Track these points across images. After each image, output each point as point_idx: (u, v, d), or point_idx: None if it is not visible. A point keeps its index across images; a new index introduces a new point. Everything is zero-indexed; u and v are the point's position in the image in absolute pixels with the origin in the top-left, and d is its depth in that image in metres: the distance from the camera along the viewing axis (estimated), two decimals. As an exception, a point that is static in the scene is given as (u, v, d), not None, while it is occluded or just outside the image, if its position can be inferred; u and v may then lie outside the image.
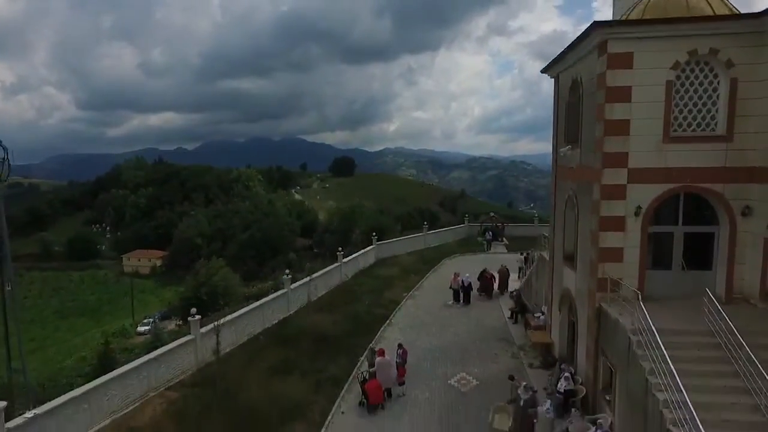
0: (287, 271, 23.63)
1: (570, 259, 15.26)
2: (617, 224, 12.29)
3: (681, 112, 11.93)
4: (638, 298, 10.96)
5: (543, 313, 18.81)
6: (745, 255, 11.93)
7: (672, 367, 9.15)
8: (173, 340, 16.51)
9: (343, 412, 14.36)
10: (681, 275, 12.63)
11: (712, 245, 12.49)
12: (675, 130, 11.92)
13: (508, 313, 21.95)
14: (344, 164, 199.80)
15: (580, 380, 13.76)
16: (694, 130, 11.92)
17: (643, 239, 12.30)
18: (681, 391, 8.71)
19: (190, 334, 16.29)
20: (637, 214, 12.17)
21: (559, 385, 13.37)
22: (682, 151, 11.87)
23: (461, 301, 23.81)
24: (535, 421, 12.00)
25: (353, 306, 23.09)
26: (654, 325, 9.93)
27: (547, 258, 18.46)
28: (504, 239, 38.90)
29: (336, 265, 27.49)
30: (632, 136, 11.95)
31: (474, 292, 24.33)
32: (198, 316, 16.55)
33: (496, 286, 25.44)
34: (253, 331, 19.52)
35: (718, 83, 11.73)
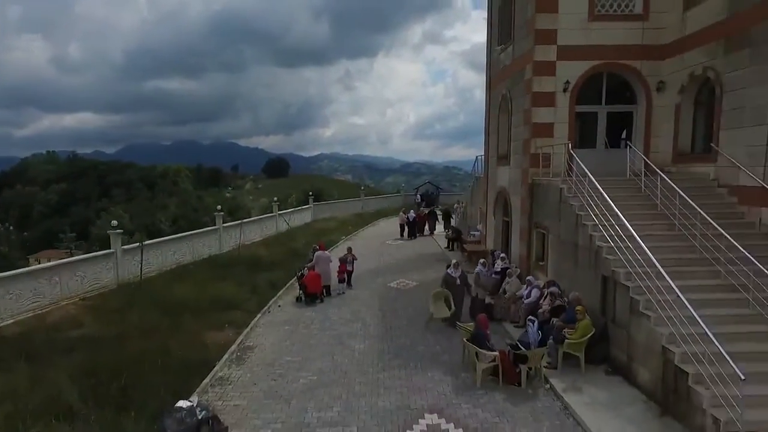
0: (218, 207, 22.59)
1: (504, 157, 15.81)
2: (548, 99, 12.89)
3: (604, -9, 12.78)
4: (568, 147, 11.54)
5: (478, 231, 19.33)
6: (660, 128, 12.91)
7: (605, 194, 9.67)
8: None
9: (280, 306, 13.82)
10: (604, 153, 13.42)
11: (632, 123, 13.43)
12: (599, 10, 12.73)
13: (445, 243, 22.45)
14: (278, 166, 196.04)
15: (515, 265, 14.21)
16: (615, 10, 12.79)
17: (571, 115, 12.97)
18: (614, 215, 9.24)
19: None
20: (565, 90, 12.82)
21: (495, 265, 13.71)
22: (605, 30, 12.69)
23: (407, 236, 24.97)
24: (475, 295, 12.18)
25: (290, 245, 22.46)
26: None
27: (482, 178, 19.07)
28: (438, 206, 39.69)
29: (270, 214, 26.68)
30: (561, 14, 12.62)
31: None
32: (120, 230, 15.31)
33: (426, 228, 26.70)
34: (182, 260, 18.35)
35: (636, -36, 12.71)
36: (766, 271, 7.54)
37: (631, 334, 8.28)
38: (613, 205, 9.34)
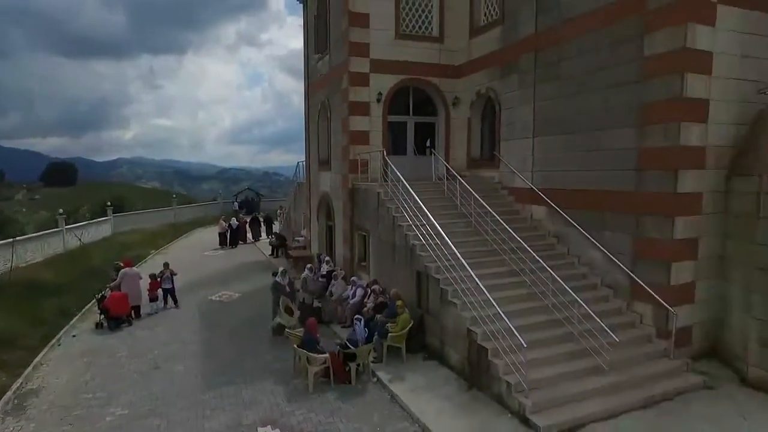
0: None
1: (325, 163, 16.25)
2: (364, 109, 13.70)
3: (408, 14, 14.10)
4: (383, 154, 12.46)
5: (303, 236, 19.46)
6: (457, 138, 14.83)
7: (416, 197, 10.67)
8: None
9: (74, 336, 11.80)
10: (414, 160, 14.83)
11: (435, 133, 15.12)
12: (404, 29, 14.02)
13: (269, 251, 21.98)
14: (63, 172, 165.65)
15: (339, 267, 14.72)
16: (416, 31, 14.24)
17: (385, 124, 14.02)
18: (424, 216, 10.25)
19: None
20: (379, 100, 13.79)
21: (321, 269, 14.00)
22: (409, 48, 14.03)
23: (228, 244, 24.03)
24: (302, 300, 12.26)
25: (84, 264, 19.28)
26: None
27: (304, 183, 19.26)
28: (260, 213, 38.69)
29: (56, 229, 22.52)
30: (372, 29, 13.54)
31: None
32: None
33: (250, 236, 26.04)
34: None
35: (432, -7, 14.36)
36: (536, 257, 9.28)
37: (442, 321, 9.33)
38: (423, 207, 10.37)
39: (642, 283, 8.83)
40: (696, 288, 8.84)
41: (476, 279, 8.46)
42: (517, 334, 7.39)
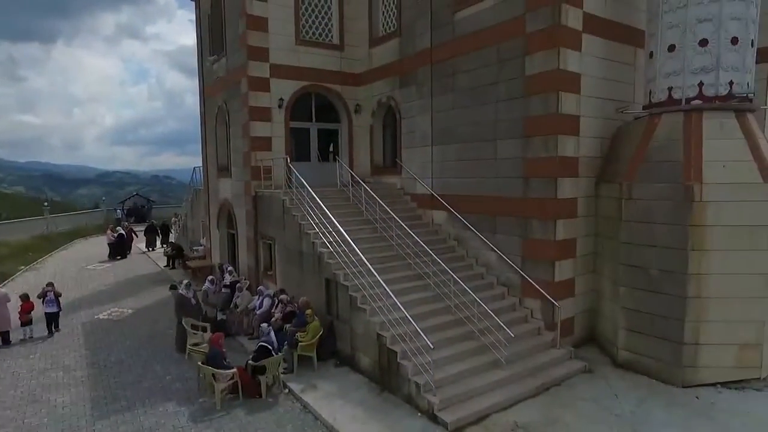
0: None
1: (225, 169, 15.61)
2: (265, 114, 13.40)
3: (308, 20, 14.06)
4: (287, 161, 12.32)
5: (202, 245, 18.50)
6: (360, 145, 15.10)
7: (322, 205, 10.69)
8: None
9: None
10: (317, 166, 14.83)
11: (338, 139, 15.26)
12: (303, 36, 13.95)
13: (165, 262, 20.56)
14: None
15: (244, 277, 14.26)
16: (317, 38, 14.26)
17: (287, 130, 13.84)
18: (331, 223, 10.32)
19: None
20: (280, 106, 13.58)
21: (224, 279, 13.45)
22: (310, 54, 14.00)
23: (116, 256, 22.24)
24: (204, 314, 11.69)
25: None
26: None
27: (201, 189, 18.32)
28: (152, 221, 35.94)
29: None
30: (271, 34, 13.30)
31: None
32: None
33: (144, 245, 24.12)
34: None
35: (331, 2, 14.43)
36: (438, 259, 9.82)
37: (352, 327, 9.48)
38: (330, 214, 10.45)
39: (531, 281, 9.75)
40: (576, 283, 9.96)
41: (384, 285, 8.73)
42: (424, 336, 7.77)
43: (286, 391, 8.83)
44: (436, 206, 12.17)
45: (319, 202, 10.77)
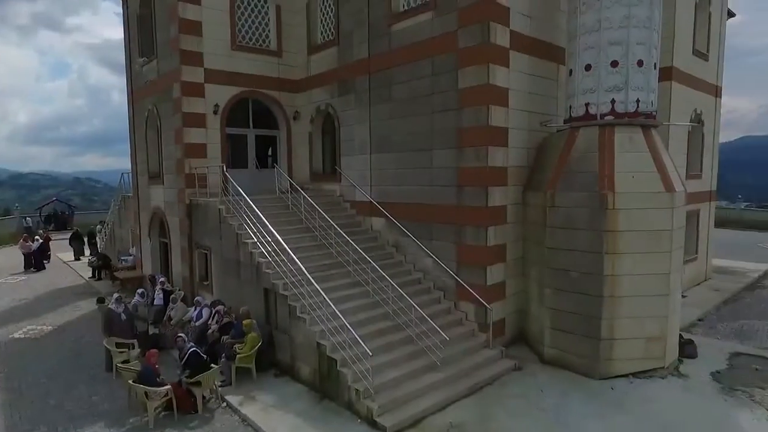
0: None
1: (156, 176, 15.01)
2: (199, 120, 13.05)
3: (243, 25, 13.86)
4: (222, 169, 12.08)
5: (131, 255, 17.62)
6: (299, 152, 15.05)
7: (260, 214, 10.60)
8: None
9: None
10: (255, 173, 14.63)
11: (276, 146, 15.13)
12: (240, 40, 13.73)
13: (89, 272, 19.36)
14: None
15: (178, 288, 13.79)
16: (253, 43, 14.08)
17: (223, 137, 13.55)
18: (269, 232, 10.27)
19: None
20: (215, 112, 13.28)
21: (157, 291, 12.95)
22: (247, 60, 13.81)
23: (32, 267, 20.75)
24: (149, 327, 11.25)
25: None
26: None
27: (130, 195, 17.48)
28: (74, 228, 33.58)
29: None
30: (205, 38, 12.98)
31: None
32: None
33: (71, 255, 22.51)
34: None
35: (268, 7, 14.31)
36: (377, 266, 10.05)
37: (292, 336, 9.48)
38: (267, 223, 10.39)
39: (465, 285, 10.21)
40: (506, 286, 10.55)
41: (323, 293, 8.82)
42: (363, 343, 7.96)
43: (224, 404, 8.69)
44: (375, 213, 12.41)
45: (257, 211, 10.67)
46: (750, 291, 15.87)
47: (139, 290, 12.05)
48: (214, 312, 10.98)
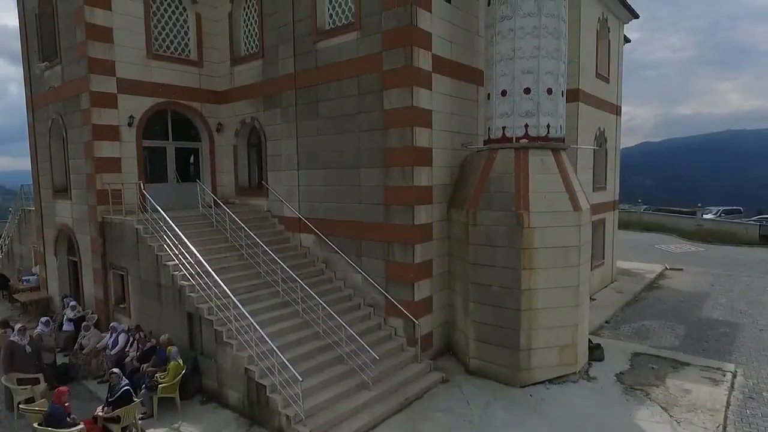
0: None
1: (63, 190, 13.86)
2: (112, 133, 12.25)
3: (160, 33, 13.19)
4: (140, 186, 11.45)
5: (34, 274, 16.14)
6: (223, 165, 14.58)
7: (182, 235, 10.17)
8: None
9: None
10: (176, 187, 13.98)
11: (199, 159, 14.55)
12: (156, 49, 13.06)
13: (-18, 295, 17.46)
14: None
15: (90, 311, 12.86)
16: (171, 52, 13.45)
17: (139, 150, 12.80)
18: (191, 254, 9.89)
19: None
20: (130, 124, 12.53)
21: (65, 316, 11.99)
22: (165, 69, 13.16)
23: None
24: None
25: None
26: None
27: (33, 211, 16.00)
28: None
29: None
30: (117, 45, 12.20)
31: None
32: None
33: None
34: None
35: (187, 15, 13.74)
36: (305, 285, 10.01)
37: (218, 362, 9.20)
38: (189, 244, 10.00)
39: (394, 301, 10.45)
40: (433, 300, 10.93)
41: (249, 317, 8.64)
42: (292, 368, 7.90)
43: (145, 440, 8.27)
44: (304, 229, 12.34)
45: (178, 231, 10.23)
46: (648, 291, 17.62)
47: (43, 319, 11.04)
48: (132, 339, 10.37)
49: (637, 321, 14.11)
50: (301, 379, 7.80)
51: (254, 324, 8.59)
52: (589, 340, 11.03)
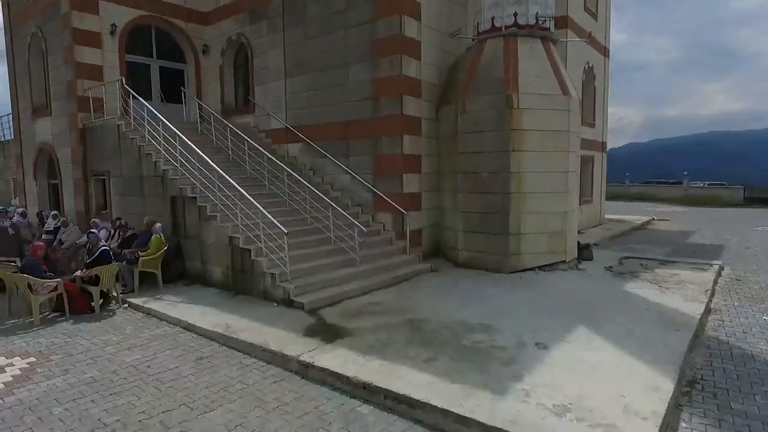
0: None
1: (43, 107, 13.52)
2: (93, 40, 11.97)
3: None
4: (122, 82, 11.20)
5: (13, 206, 15.72)
6: (209, 86, 14.32)
7: (168, 123, 9.93)
8: None
9: None
10: (161, 107, 13.62)
11: (184, 80, 14.29)
12: (141, -40, 12.81)
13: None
14: None
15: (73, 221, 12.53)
16: (157, -35, 13.21)
17: (122, 62, 12.53)
18: (182, 143, 9.65)
19: None
20: (113, 32, 12.26)
21: (47, 225, 11.65)
22: (149, -19, 12.92)
23: None
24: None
25: None
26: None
27: (11, 140, 15.59)
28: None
29: None
30: (100, -50, 11.96)
31: None
32: None
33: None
34: None
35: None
36: (291, 183, 9.83)
37: (202, 240, 8.97)
38: (172, 126, 9.74)
39: (382, 195, 10.29)
40: (422, 198, 10.79)
41: (237, 186, 8.46)
42: (278, 223, 7.72)
43: (126, 306, 8.01)
44: (291, 139, 12.15)
45: (161, 117, 9.94)
46: (636, 231, 17.68)
47: (19, 210, 10.74)
48: (113, 231, 10.09)
49: (624, 244, 14.12)
50: (286, 231, 7.61)
51: (237, 187, 8.41)
52: (578, 242, 10.96)
